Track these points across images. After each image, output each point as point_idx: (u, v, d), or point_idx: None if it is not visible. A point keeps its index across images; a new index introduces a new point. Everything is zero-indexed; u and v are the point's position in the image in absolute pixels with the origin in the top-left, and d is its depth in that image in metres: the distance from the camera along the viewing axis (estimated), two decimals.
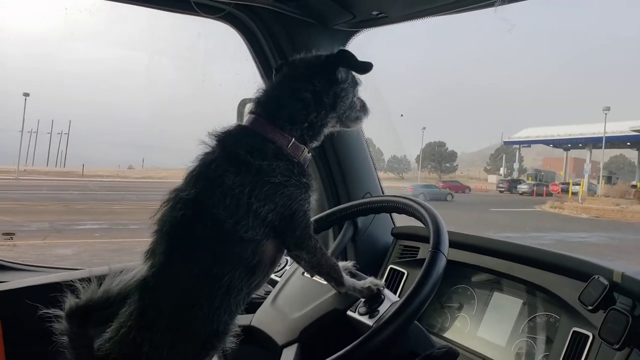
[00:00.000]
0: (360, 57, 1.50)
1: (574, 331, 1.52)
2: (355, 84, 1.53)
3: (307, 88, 1.43)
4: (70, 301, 1.31)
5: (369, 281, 1.53)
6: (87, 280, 1.36)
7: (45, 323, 1.35)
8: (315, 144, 1.49)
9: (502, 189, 40.06)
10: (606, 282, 1.45)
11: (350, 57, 1.48)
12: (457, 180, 44.67)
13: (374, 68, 1.48)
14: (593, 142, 37.12)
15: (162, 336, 1.30)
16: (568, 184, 37.14)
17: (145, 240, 1.40)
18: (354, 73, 1.52)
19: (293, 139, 1.41)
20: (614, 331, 1.36)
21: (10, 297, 2.00)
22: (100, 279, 1.37)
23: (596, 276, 1.49)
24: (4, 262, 2.30)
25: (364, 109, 1.59)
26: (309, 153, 1.47)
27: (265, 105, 1.45)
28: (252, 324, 1.70)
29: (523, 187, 38.90)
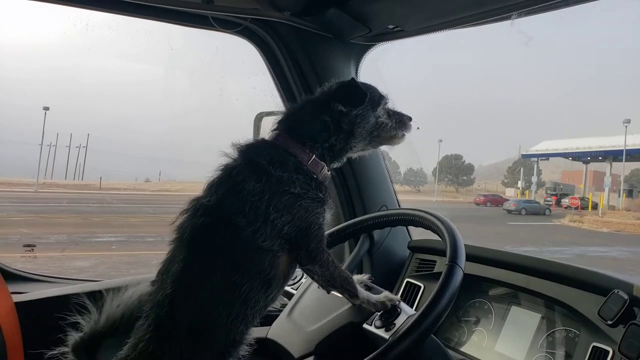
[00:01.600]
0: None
1: (593, 346, 1.49)
2: (374, 105, 1.51)
3: (325, 112, 1.47)
4: (74, 336, 1.31)
5: (383, 296, 1.53)
6: (102, 292, 1.36)
7: (62, 333, 1.36)
8: (336, 164, 1.51)
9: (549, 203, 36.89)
10: (626, 297, 1.43)
11: (344, 92, 1.48)
12: (497, 194, 44.21)
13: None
14: (613, 155, 36.55)
15: (181, 346, 1.29)
16: (587, 198, 36.47)
17: (162, 253, 1.40)
18: (372, 96, 1.51)
19: (314, 156, 1.43)
20: (634, 346, 1.34)
21: (31, 307, 2.03)
22: (111, 291, 1.36)
23: (616, 290, 1.47)
24: (24, 274, 2.34)
25: (401, 125, 1.57)
26: (328, 171, 1.48)
27: (287, 123, 1.49)
28: (268, 336, 1.71)
29: (566, 202, 37.68)
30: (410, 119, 1.60)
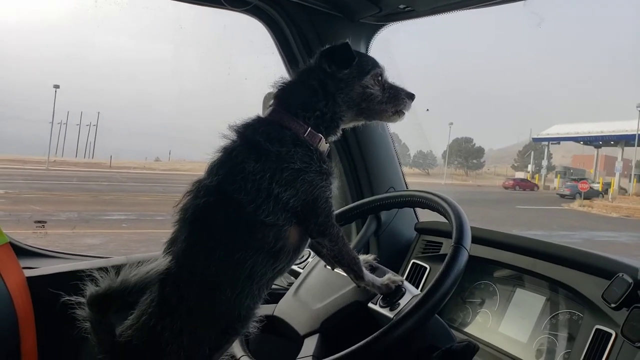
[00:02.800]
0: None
1: (596, 329, 1.51)
2: (361, 74, 1.46)
3: (313, 77, 1.45)
4: (90, 289, 1.35)
5: (386, 278, 1.54)
6: (113, 268, 1.39)
7: (73, 308, 1.40)
8: (332, 137, 1.49)
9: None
10: (630, 280, 1.44)
11: (333, 50, 1.46)
12: (526, 179, 44.07)
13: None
14: (625, 140, 36.15)
15: (183, 322, 1.32)
16: (598, 183, 36.16)
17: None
18: (362, 63, 1.48)
19: (309, 128, 1.42)
20: (637, 329, 1.35)
21: (42, 282, 2.07)
22: (122, 268, 1.40)
23: (620, 274, 1.48)
24: (36, 249, 2.38)
25: (394, 99, 1.51)
26: (326, 144, 1.47)
27: (280, 97, 1.48)
28: (274, 313, 1.73)
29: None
30: (410, 95, 1.53)
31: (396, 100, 1.52)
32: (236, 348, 1.62)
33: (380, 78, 1.50)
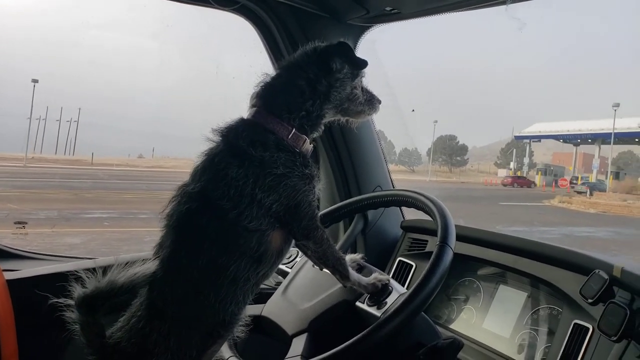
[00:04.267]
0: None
1: (574, 323, 1.56)
2: (354, 75, 1.50)
3: (301, 76, 1.44)
4: (78, 290, 1.35)
5: (373, 277, 1.55)
6: (96, 270, 1.39)
7: (56, 311, 1.38)
8: (315, 134, 1.50)
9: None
10: (606, 277, 1.48)
11: (347, 49, 1.49)
12: (523, 176, 44.44)
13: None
14: (602, 138, 36.83)
15: (169, 325, 1.34)
16: (577, 178, 36.78)
17: (154, 230, 1.43)
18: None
19: (293, 130, 1.42)
20: (613, 324, 1.39)
21: (23, 285, 2.03)
22: (108, 269, 1.40)
23: (597, 270, 1.52)
24: (16, 251, 2.33)
25: (369, 103, 1.56)
26: (310, 144, 1.48)
27: (264, 97, 1.46)
28: (262, 313, 1.74)
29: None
30: (379, 101, 1.60)
31: (371, 103, 1.58)
32: (224, 349, 1.63)
33: (361, 81, 1.55)
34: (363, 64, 1.50)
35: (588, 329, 1.52)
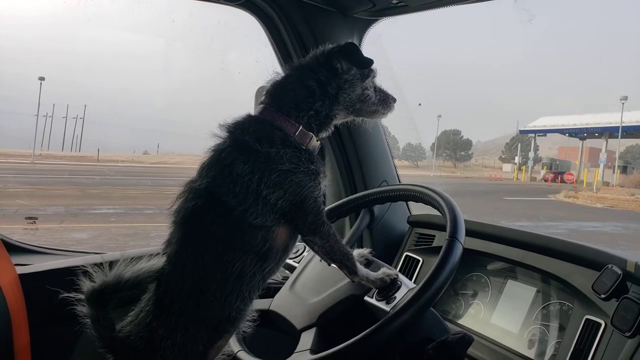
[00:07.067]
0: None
1: (586, 319, 1.55)
2: (364, 76, 1.49)
3: (312, 77, 1.44)
4: (87, 285, 1.36)
5: (381, 272, 1.55)
6: (103, 265, 1.41)
7: (67, 305, 1.40)
8: (323, 134, 1.50)
9: None
10: (619, 272, 1.47)
11: (351, 50, 1.47)
12: (563, 171, 44.22)
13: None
14: (609, 132, 36.60)
15: (175, 320, 1.35)
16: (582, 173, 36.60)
17: (160, 225, 1.45)
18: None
19: (301, 127, 1.42)
20: (626, 319, 1.38)
21: (34, 279, 2.06)
22: (114, 264, 1.41)
23: (610, 265, 1.51)
24: (27, 246, 2.35)
25: (384, 102, 1.55)
26: (317, 141, 1.47)
27: (273, 94, 1.47)
28: (270, 308, 1.74)
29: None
30: (394, 100, 1.59)
31: (386, 103, 1.56)
32: (233, 343, 1.63)
33: (374, 81, 1.54)
34: (368, 62, 1.48)
35: (600, 324, 1.50)
